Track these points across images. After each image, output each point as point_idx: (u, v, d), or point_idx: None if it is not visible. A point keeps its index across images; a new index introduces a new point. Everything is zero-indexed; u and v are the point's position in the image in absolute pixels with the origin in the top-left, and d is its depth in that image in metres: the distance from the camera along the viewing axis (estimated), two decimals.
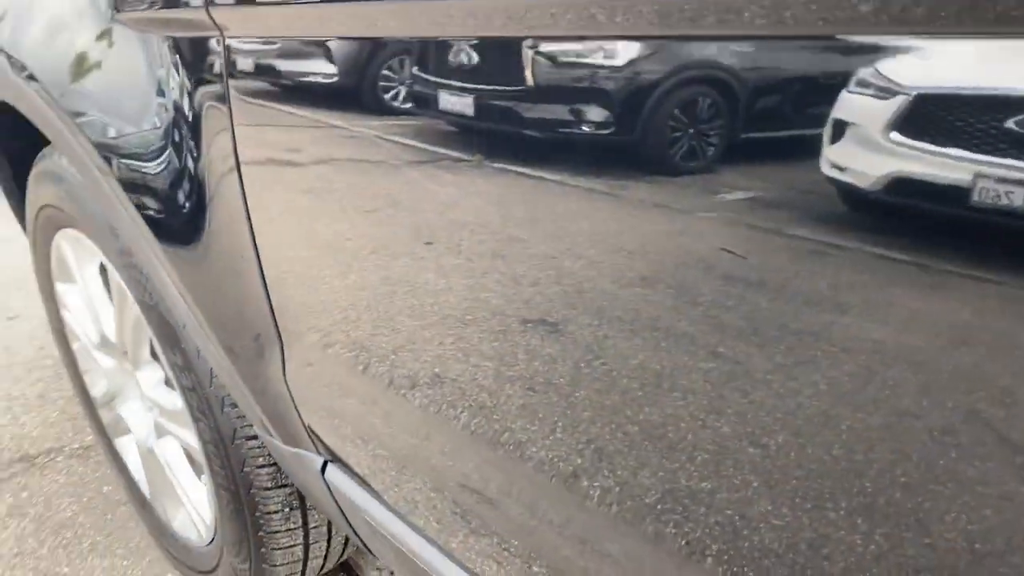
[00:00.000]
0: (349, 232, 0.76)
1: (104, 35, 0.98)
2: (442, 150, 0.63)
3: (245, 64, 0.79)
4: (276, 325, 0.92)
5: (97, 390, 1.54)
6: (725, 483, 0.52)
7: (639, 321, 0.53)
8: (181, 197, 0.93)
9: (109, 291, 1.32)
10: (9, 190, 1.52)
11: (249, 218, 0.86)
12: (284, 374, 0.94)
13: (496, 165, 0.58)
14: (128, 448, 1.53)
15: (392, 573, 1.40)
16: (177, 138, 0.90)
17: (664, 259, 0.50)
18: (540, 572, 0.73)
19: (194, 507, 1.36)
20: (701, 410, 0.52)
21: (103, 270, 1.30)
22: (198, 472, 1.35)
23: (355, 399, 0.87)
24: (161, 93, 0.90)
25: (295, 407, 0.95)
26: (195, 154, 0.89)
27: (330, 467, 0.97)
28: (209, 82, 0.83)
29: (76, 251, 1.36)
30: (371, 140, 0.70)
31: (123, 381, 1.44)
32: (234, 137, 0.82)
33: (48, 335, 1.80)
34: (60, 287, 1.50)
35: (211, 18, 0.78)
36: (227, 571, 1.30)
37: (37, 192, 1.35)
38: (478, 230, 0.62)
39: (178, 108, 0.88)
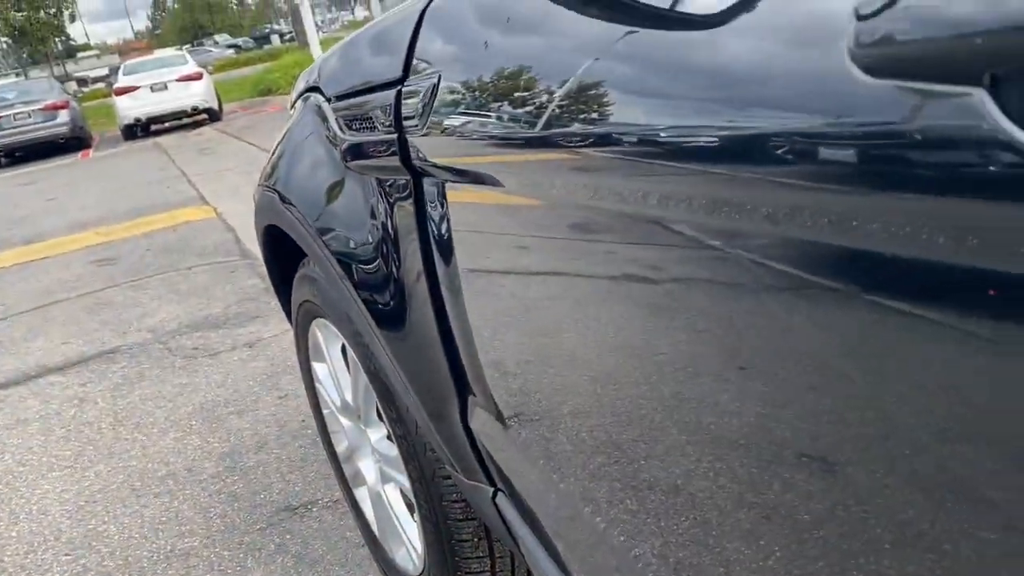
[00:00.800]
0: (540, 328, 0.92)
1: (340, 179, 1.37)
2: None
3: (429, 198, 1.12)
4: (456, 386, 1.22)
5: (341, 447, 1.92)
6: None
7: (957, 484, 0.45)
8: (389, 295, 1.27)
9: (348, 366, 1.70)
10: (279, 291, 1.97)
11: (436, 312, 1.17)
12: (463, 421, 1.23)
13: (871, 298, 0.47)
14: (363, 496, 1.89)
15: None
16: (384, 251, 1.24)
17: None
18: None
19: (409, 540, 1.68)
20: None
21: (343, 349, 1.68)
22: (411, 511, 1.67)
23: (525, 447, 1.07)
24: (374, 217, 1.26)
25: (471, 446, 1.24)
26: (397, 263, 1.22)
27: (500, 496, 1.24)
28: (404, 212, 1.16)
29: (325, 336, 1.75)
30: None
31: (359, 438, 1.81)
32: (421, 251, 1.14)
33: (308, 410, 2.24)
34: (315, 365, 1.91)
35: (405, 166, 1.12)
36: None
37: (299, 291, 1.77)
38: (804, 359, 0.54)
39: (385, 229, 1.23)
